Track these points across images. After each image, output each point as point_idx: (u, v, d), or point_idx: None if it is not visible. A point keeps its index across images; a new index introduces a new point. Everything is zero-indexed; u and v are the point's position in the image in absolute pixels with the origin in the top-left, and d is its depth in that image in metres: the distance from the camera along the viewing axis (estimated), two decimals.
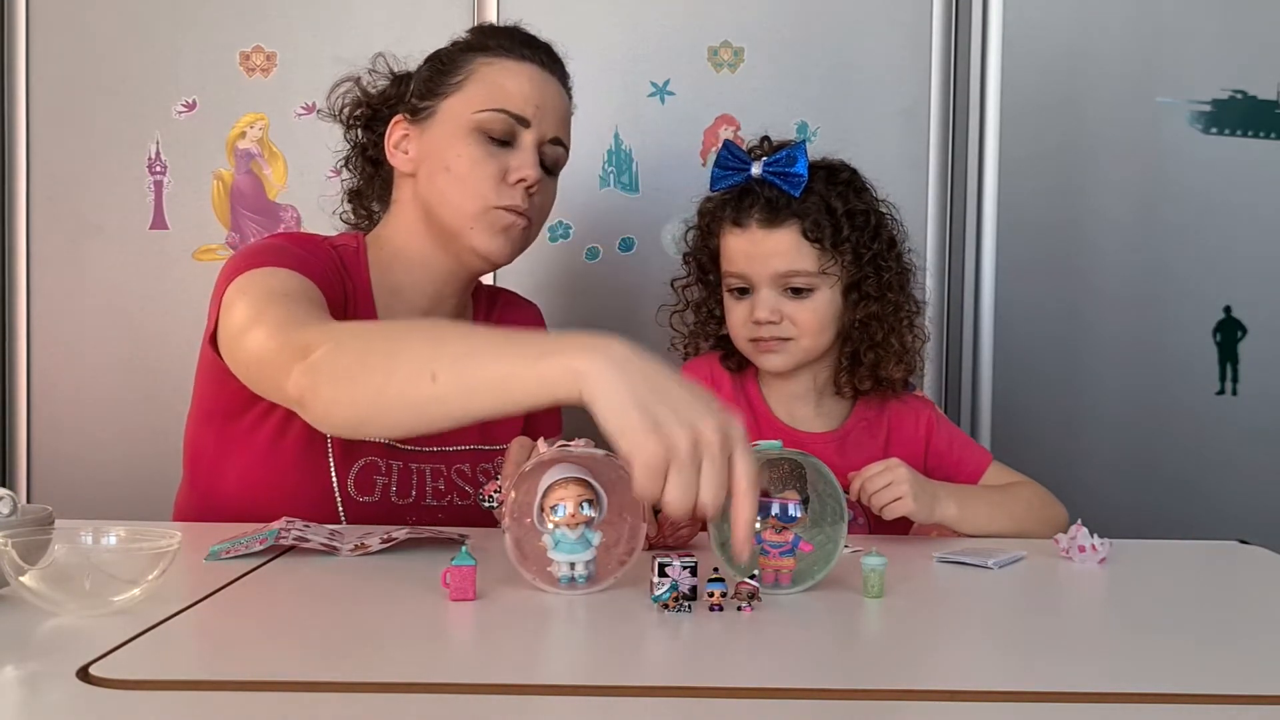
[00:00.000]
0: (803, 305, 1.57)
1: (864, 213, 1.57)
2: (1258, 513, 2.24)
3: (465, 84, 1.61)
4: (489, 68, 1.62)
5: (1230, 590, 1.34)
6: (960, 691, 0.93)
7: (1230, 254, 2.25)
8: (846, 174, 1.61)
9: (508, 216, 1.59)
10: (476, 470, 1.67)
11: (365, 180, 1.74)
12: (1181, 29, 2.24)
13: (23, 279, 2.27)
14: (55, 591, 1.05)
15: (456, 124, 1.60)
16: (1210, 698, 0.92)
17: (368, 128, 1.72)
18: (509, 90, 1.61)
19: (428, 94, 1.63)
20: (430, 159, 1.61)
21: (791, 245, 1.55)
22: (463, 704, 0.90)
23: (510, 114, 1.60)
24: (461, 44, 1.67)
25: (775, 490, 1.19)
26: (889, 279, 1.58)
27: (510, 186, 1.59)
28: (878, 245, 1.57)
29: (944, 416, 1.68)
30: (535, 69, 1.64)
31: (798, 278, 1.56)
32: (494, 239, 1.60)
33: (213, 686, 0.92)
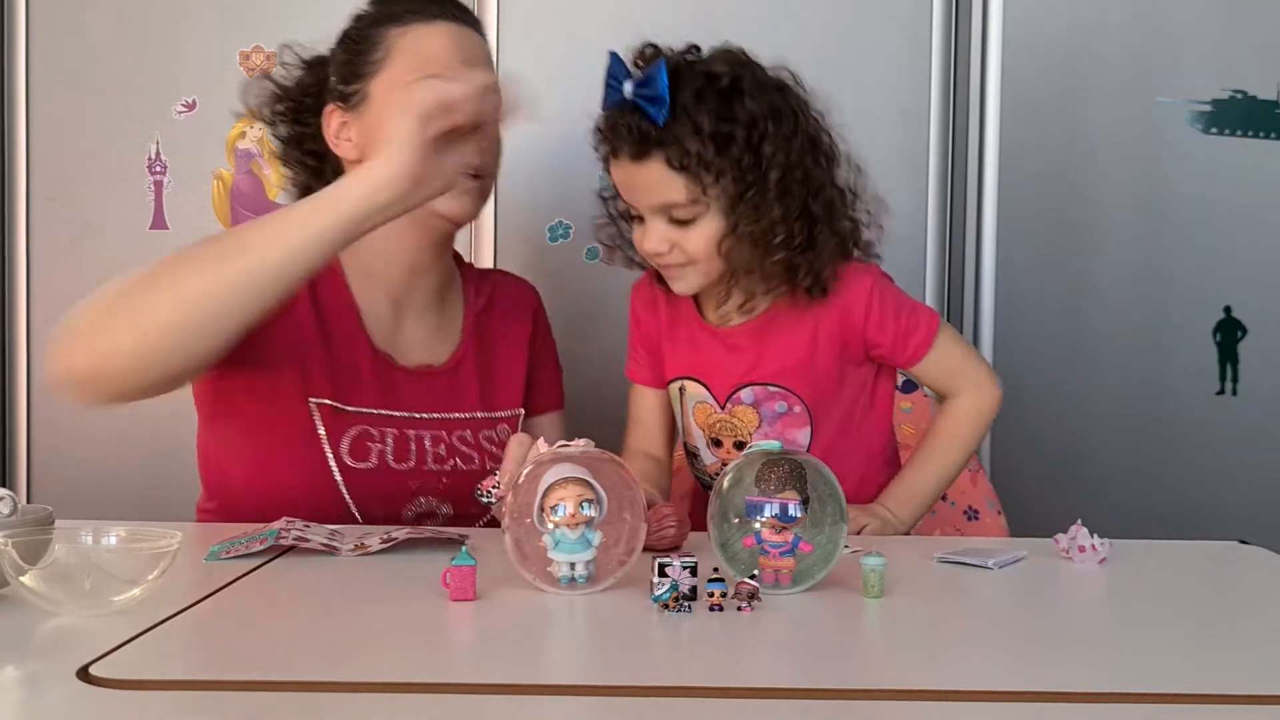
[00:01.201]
0: (688, 233, 1.47)
1: (746, 123, 1.44)
2: (1258, 513, 2.24)
3: (387, 60, 1.60)
4: (405, 37, 1.60)
5: (1230, 590, 1.34)
6: (960, 691, 0.93)
7: (1230, 254, 2.25)
8: (726, 79, 1.46)
9: (464, 179, 1.58)
10: (479, 437, 1.67)
11: (312, 173, 1.70)
12: (1181, 29, 2.24)
13: (23, 279, 2.27)
14: (55, 591, 1.05)
15: (391, 100, 1.57)
16: (1210, 698, 0.92)
17: (297, 121, 1.69)
18: (432, 54, 1.59)
19: (352, 77, 1.62)
20: (377, 142, 1.55)
21: (660, 178, 1.45)
22: (463, 704, 0.90)
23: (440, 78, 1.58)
24: (368, 18, 1.64)
25: (775, 490, 1.19)
26: (785, 181, 1.45)
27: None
28: (769, 151, 1.44)
29: (887, 287, 1.55)
30: (449, 24, 1.62)
31: (675, 209, 1.46)
32: (457, 201, 1.60)
33: (213, 686, 0.92)
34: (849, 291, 1.53)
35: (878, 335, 1.54)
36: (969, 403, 1.60)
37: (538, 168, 2.23)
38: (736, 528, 1.21)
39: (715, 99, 1.44)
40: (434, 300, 1.70)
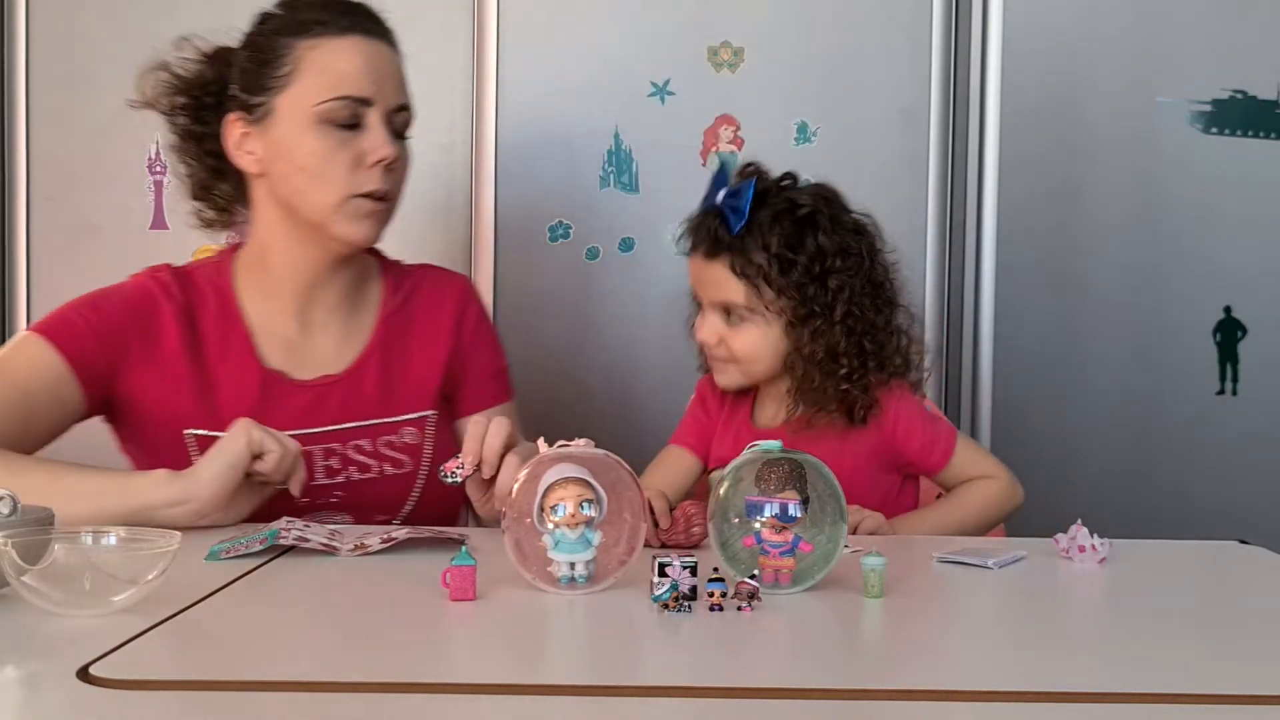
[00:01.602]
0: (738, 333, 1.62)
1: (812, 253, 1.58)
2: (1258, 513, 2.24)
3: (295, 75, 1.57)
4: (314, 52, 1.57)
5: (1230, 590, 1.34)
6: (960, 691, 0.93)
7: (1230, 254, 2.25)
8: (806, 210, 1.59)
9: (368, 203, 1.59)
10: (378, 444, 1.65)
11: (211, 172, 1.66)
12: (1181, 29, 2.24)
13: (23, 279, 2.27)
14: (55, 591, 1.05)
15: (299, 120, 1.56)
16: (1210, 698, 0.92)
17: (197, 118, 1.65)
18: (342, 72, 1.56)
19: (256, 89, 1.58)
20: (280, 159, 1.58)
21: (723, 278, 1.60)
22: (463, 704, 0.90)
23: (352, 99, 1.56)
24: (274, 23, 1.61)
25: (775, 490, 1.19)
26: (848, 316, 1.59)
27: (368, 170, 1.57)
28: (835, 285, 1.58)
29: (914, 403, 1.66)
30: (361, 39, 1.59)
31: (733, 308, 1.61)
32: (358, 226, 1.59)
33: (212, 686, 0.92)
34: (880, 411, 1.63)
35: (906, 443, 1.64)
36: (991, 485, 1.65)
37: (538, 168, 2.23)
38: (736, 528, 1.21)
39: (789, 224, 1.58)
40: (340, 306, 1.67)
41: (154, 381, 1.59)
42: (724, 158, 1.56)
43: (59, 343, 1.55)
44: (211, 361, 1.61)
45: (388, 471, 1.65)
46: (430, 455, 1.67)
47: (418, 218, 2.23)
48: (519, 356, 2.23)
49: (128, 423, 1.62)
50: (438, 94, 2.22)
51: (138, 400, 1.60)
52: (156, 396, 1.59)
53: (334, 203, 1.57)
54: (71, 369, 1.55)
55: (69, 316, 1.59)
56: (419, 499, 1.67)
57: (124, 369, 1.58)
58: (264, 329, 1.64)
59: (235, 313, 1.64)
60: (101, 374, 1.57)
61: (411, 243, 2.18)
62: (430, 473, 1.67)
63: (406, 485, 1.66)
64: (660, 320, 2.22)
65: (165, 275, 1.65)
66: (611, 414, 2.22)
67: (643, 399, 2.22)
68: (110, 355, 1.58)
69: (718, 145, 2.22)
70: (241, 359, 1.62)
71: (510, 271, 2.23)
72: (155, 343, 1.60)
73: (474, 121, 2.22)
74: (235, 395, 1.60)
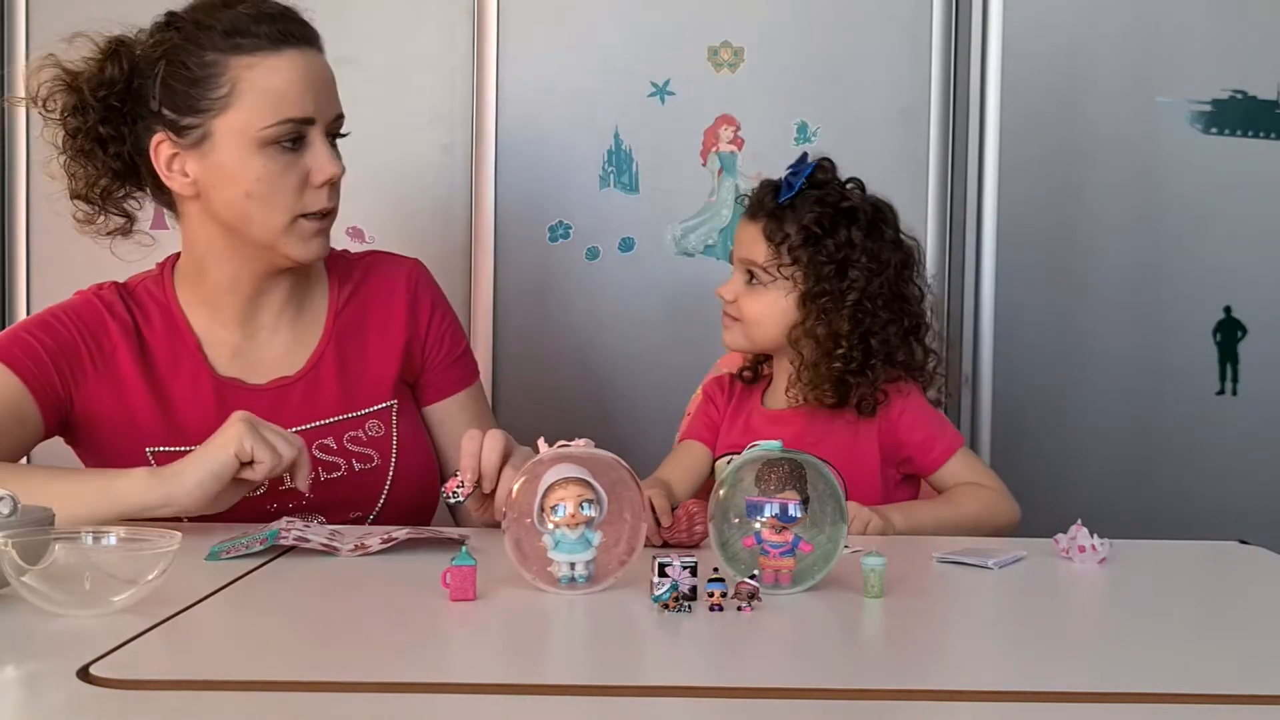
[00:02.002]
0: (753, 294, 1.66)
1: (842, 241, 1.63)
2: (1258, 513, 2.24)
3: (232, 98, 1.51)
4: (252, 72, 1.51)
5: (1230, 590, 1.34)
6: (960, 691, 0.93)
7: (1230, 254, 2.25)
8: (850, 205, 1.65)
9: (315, 223, 1.56)
10: (343, 441, 1.63)
11: (115, 176, 1.58)
12: (1181, 29, 2.24)
13: (23, 279, 2.27)
14: (55, 591, 1.05)
15: (241, 145, 1.51)
16: (1210, 698, 0.92)
17: (105, 121, 1.55)
18: (283, 93, 1.51)
19: (186, 110, 1.52)
20: (222, 184, 1.54)
21: (753, 237, 1.66)
22: (463, 704, 0.90)
23: (296, 120, 1.52)
24: (199, 38, 1.52)
25: (775, 490, 1.19)
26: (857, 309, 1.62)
27: (315, 190, 1.55)
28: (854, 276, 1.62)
29: (923, 402, 1.69)
30: (295, 53, 1.53)
31: (752, 267, 1.66)
32: (308, 245, 1.57)
33: (213, 686, 0.92)
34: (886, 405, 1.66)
35: (908, 435, 1.66)
36: (984, 492, 1.65)
37: (538, 168, 2.23)
38: (736, 528, 1.21)
39: (830, 210, 1.64)
40: (286, 310, 1.65)
41: (111, 400, 1.58)
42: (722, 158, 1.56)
43: (15, 366, 1.53)
44: (164, 375, 1.60)
45: (356, 468, 1.63)
46: (397, 446, 1.65)
47: (418, 218, 2.23)
48: (519, 356, 2.24)
49: (88, 442, 1.61)
50: (438, 94, 2.22)
51: (96, 419, 1.58)
52: (114, 414, 1.58)
53: (283, 225, 1.55)
54: (30, 392, 1.53)
55: (22, 338, 1.56)
56: (389, 494, 1.65)
57: (81, 388, 1.57)
58: (210, 338, 1.63)
59: (181, 324, 1.62)
60: (59, 395, 1.56)
61: (412, 243, 2.18)
62: (400, 466, 1.66)
63: (378, 480, 1.65)
64: (660, 320, 2.22)
65: (109, 293, 1.63)
66: (611, 414, 2.22)
67: (643, 399, 2.22)
68: (66, 376, 1.56)
69: (718, 145, 2.22)
70: (194, 370, 1.60)
71: (510, 271, 2.23)
72: (109, 360, 1.58)
73: (474, 121, 2.22)
74: (192, 407, 1.59)
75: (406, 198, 2.24)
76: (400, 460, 1.65)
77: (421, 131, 2.23)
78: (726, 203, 2.21)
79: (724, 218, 2.22)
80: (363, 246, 1.88)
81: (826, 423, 1.65)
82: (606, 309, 2.24)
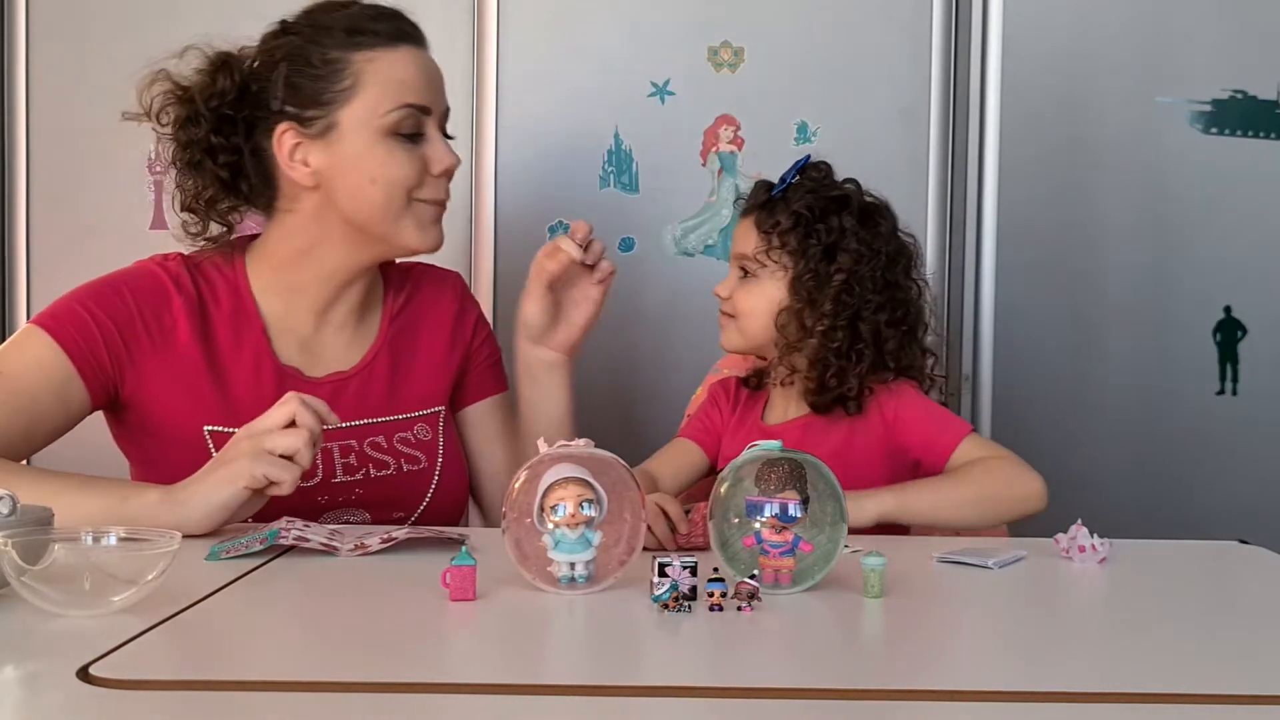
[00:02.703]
0: (744, 287, 1.66)
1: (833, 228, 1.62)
2: (1258, 513, 2.24)
3: (357, 88, 1.56)
4: (374, 64, 1.57)
5: (1230, 590, 1.34)
6: (960, 691, 0.93)
7: (1230, 254, 2.25)
8: (840, 193, 1.65)
9: (433, 210, 1.62)
10: (393, 441, 1.65)
11: (219, 185, 1.61)
12: (1181, 29, 2.24)
13: (23, 279, 2.27)
14: (55, 591, 1.05)
15: (368, 133, 1.57)
16: (1210, 698, 0.92)
17: (216, 131, 1.58)
18: (405, 82, 1.58)
19: (311, 103, 1.57)
20: (348, 173, 1.57)
21: (745, 232, 1.67)
22: (463, 704, 0.90)
23: (416, 107, 1.58)
24: (319, 38, 1.58)
25: (775, 490, 1.19)
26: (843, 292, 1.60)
27: (434, 179, 1.61)
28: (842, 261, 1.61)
29: (917, 397, 1.65)
30: (412, 48, 1.61)
31: (744, 260, 1.65)
32: (425, 233, 1.62)
33: (213, 686, 0.92)
34: (881, 404, 1.63)
35: (909, 436, 1.62)
36: (999, 462, 1.57)
37: (538, 168, 2.23)
38: (736, 528, 1.21)
39: (822, 199, 1.64)
40: (359, 307, 1.68)
41: (167, 376, 1.57)
42: (722, 158, 1.57)
43: (64, 340, 1.52)
44: (224, 355, 1.60)
45: (405, 469, 1.65)
46: (443, 452, 1.69)
47: None
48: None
49: (135, 419, 1.59)
50: None
51: (149, 396, 1.57)
52: (170, 391, 1.57)
53: (401, 210, 1.59)
54: (77, 369, 1.52)
55: (74, 309, 1.55)
56: (433, 497, 1.67)
57: (134, 364, 1.56)
58: (280, 325, 1.63)
59: (250, 306, 1.62)
60: (109, 371, 1.55)
61: None
62: (444, 469, 1.68)
63: (423, 483, 1.67)
64: (660, 320, 2.23)
65: (176, 265, 1.62)
66: (611, 414, 2.21)
67: (643, 399, 2.22)
68: (119, 351, 1.55)
69: (718, 145, 2.22)
70: (257, 353, 1.61)
71: (510, 271, 2.23)
72: (168, 336, 1.57)
73: (474, 121, 2.22)
74: (251, 390, 1.58)
75: None
76: (445, 465, 1.68)
77: None
78: (726, 203, 2.21)
79: (724, 218, 2.22)
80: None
81: (824, 434, 1.62)
82: (606, 309, 2.23)
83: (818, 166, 1.68)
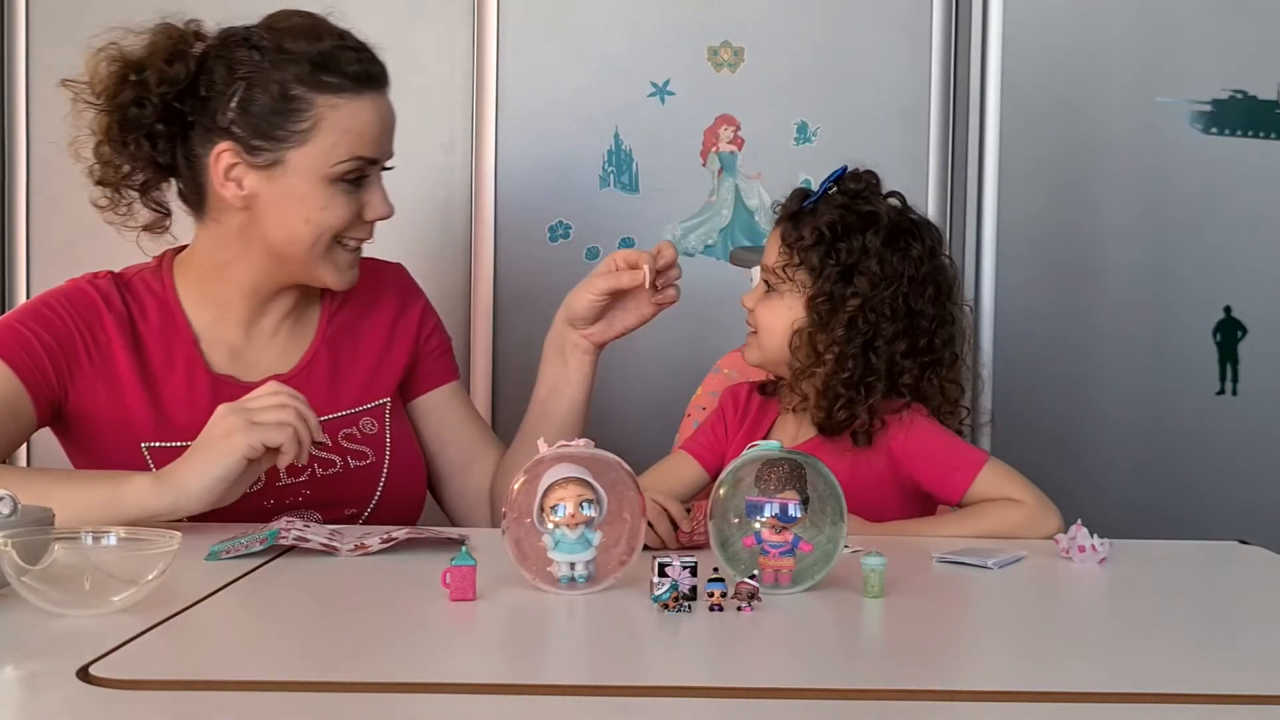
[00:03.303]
0: (767, 302, 1.60)
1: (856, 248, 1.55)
2: (1258, 513, 2.24)
3: (313, 133, 1.54)
4: (336, 111, 1.55)
5: (1230, 590, 1.34)
6: (960, 691, 0.93)
7: (1230, 254, 2.25)
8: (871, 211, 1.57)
9: (353, 254, 1.61)
10: (338, 438, 1.63)
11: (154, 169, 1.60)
12: (1181, 29, 2.24)
13: (23, 279, 2.27)
14: (55, 591, 1.05)
15: (313, 178, 1.55)
16: (1210, 698, 0.92)
17: (163, 118, 1.56)
18: (363, 134, 1.57)
19: (264, 134, 1.54)
20: (283, 208, 1.56)
21: (772, 242, 1.62)
22: (463, 704, 0.90)
23: (366, 159, 1.58)
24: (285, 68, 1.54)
25: (775, 490, 1.19)
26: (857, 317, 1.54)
27: (364, 224, 1.60)
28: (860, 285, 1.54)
29: (929, 429, 1.58)
30: (375, 96, 1.59)
31: (766, 273, 1.61)
32: (343, 275, 1.61)
33: (213, 686, 0.92)
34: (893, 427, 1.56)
35: (921, 471, 1.56)
36: (1012, 510, 1.52)
37: (538, 168, 2.23)
38: (736, 528, 1.21)
39: (850, 216, 1.57)
40: (288, 317, 1.67)
41: (104, 392, 1.57)
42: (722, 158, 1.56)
43: (9, 357, 1.52)
44: (157, 369, 1.60)
45: (352, 464, 1.64)
46: (391, 444, 1.67)
47: (418, 217, 2.23)
48: (519, 356, 2.23)
49: (79, 436, 1.59)
50: (438, 94, 2.22)
51: (89, 412, 1.57)
52: (107, 407, 1.57)
53: (324, 249, 1.58)
54: (24, 385, 1.52)
55: (14, 328, 1.55)
56: (384, 491, 1.66)
57: (76, 381, 1.56)
58: (210, 335, 1.63)
59: (179, 319, 1.62)
60: (53, 386, 1.55)
61: (412, 242, 2.18)
62: (394, 463, 1.66)
63: (372, 477, 1.65)
64: (660, 320, 2.22)
65: (105, 283, 1.62)
66: (611, 414, 2.21)
67: (643, 399, 2.22)
68: (61, 368, 1.55)
69: (718, 145, 2.22)
70: (189, 365, 1.60)
71: (510, 271, 2.23)
72: (103, 352, 1.58)
73: (474, 121, 2.22)
74: (186, 403, 1.58)
75: (406, 197, 2.22)
76: (394, 457, 1.66)
77: (421, 131, 2.22)
78: (726, 203, 2.21)
79: (724, 218, 2.22)
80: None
81: (833, 460, 1.51)
82: None
83: (859, 177, 1.61)
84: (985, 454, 1.60)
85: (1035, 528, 1.49)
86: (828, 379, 1.54)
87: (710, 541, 1.33)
